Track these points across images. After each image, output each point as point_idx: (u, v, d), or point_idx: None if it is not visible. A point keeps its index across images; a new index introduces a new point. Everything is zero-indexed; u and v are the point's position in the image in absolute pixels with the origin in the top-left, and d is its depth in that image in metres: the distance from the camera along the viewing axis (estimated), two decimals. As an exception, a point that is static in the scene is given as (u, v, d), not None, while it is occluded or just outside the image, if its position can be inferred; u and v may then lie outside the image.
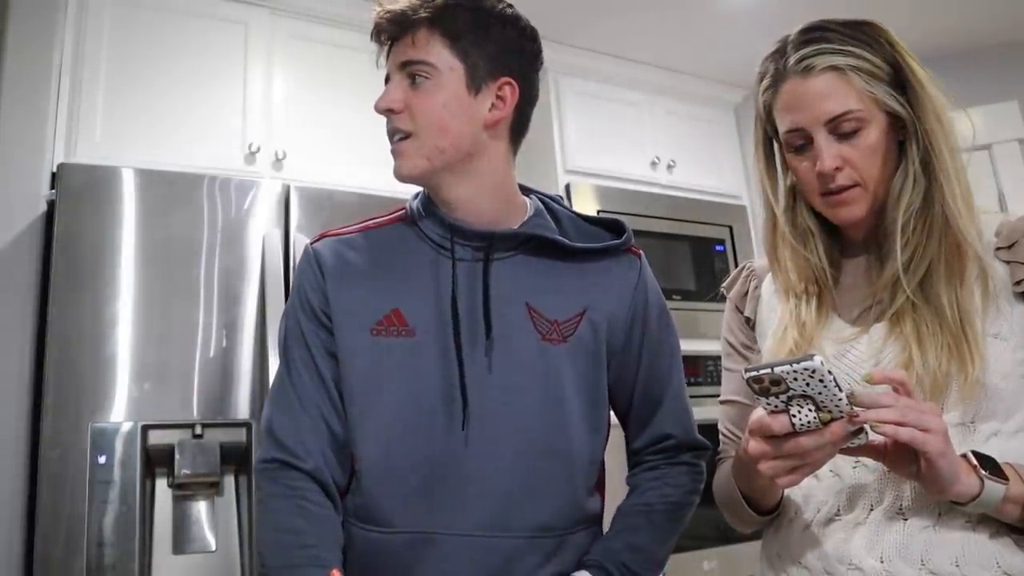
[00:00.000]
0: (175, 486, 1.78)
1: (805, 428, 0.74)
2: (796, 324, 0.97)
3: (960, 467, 0.78)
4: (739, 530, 1.05)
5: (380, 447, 0.98)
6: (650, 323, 1.08)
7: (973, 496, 0.79)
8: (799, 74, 0.93)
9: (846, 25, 0.95)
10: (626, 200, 2.89)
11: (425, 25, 0.99)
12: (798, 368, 0.69)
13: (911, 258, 0.90)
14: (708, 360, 2.73)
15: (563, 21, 2.78)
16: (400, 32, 1.01)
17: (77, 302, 1.76)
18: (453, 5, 0.99)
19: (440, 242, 1.02)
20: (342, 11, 2.51)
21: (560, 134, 2.87)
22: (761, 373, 0.71)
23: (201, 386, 1.83)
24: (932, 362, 0.86)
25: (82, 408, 1.71)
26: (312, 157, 2.32)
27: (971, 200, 0.91)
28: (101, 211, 1.83)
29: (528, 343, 1.00)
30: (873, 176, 0.93)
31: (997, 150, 2.99)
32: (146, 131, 2.11)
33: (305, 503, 0.96)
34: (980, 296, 0.88)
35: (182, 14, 2.26)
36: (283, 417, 1.00)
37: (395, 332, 0.99)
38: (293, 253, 2.00)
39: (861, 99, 0.91)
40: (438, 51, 0.99)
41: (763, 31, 1.01)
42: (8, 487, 1.69)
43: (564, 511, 1.00)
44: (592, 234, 1.10)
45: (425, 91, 0.99)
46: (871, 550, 0.87)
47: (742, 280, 1.12)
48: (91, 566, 1.62)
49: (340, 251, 1.04)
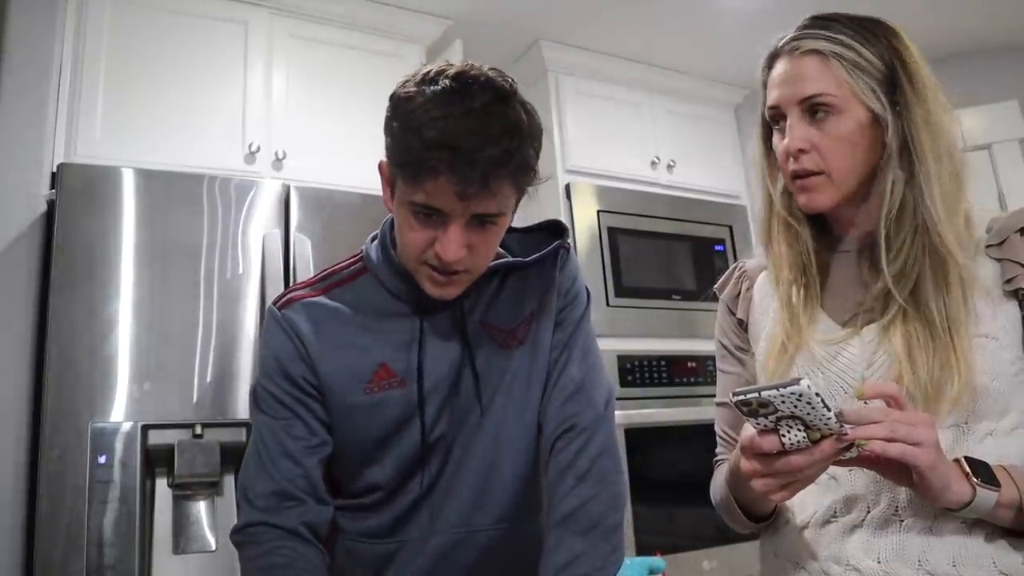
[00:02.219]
0: (175, 486, 1.78)
1: (795, 447, 0.74)
2: (787, 322, 0.97)
3: (952, 475, 0.78)
4: (737, 531, 1.05)
5: (387, 482, 1.05)
6: (567, 307, 1.13)
7: (965, 503, 0.79)
8: (787, 54, 0.95)
9: (852, 18, 0.95)
10: (626, 200, 2.89)
11: (510, 182, 0.93)
12: (784, 392, 0.69)
13: (902, 270, 0.90)
14: (708, 360, 2.73)
15: (563, 21, 2.78)
16: (483, 187, 0.90)
17: (77, 302, 1.76)
18: (529, 150, 0.93)
19: (405, 299, 1.04)
20: (342, 11, 2.51)
21: (560, 134, 2.87)
22: (749, 397, 0.71)
23: (201, 386, 1.83)
24: (922, 370, 0.86)
25: (82, 408, 1.71)
26: (312, 157, 2.32)
27: (957, 206, 0.90)
28: (101, 211, 1.83)
29: (491, 355, 1.06)
30: (839, 167, 0.92)
31: (997, 150, 2.99)
32: (146, 131, 2.12)
33: (285, 550, 0.97)
34: (964, 299, 0.88)
35: (182, 14, 2.26)
36: (259, 480, 1.01)
37: (387, 385, 1.02)
38: (293, 253, 2.00)
39: (839, 87, 0.91)
40: (507, 196, 0.94)
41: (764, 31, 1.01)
42: (8, 487, 1.69)
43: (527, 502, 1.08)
44: (535, 243, 1.13)
45: (489, 235, 0.97)
46: (868, 551, 0.87)
47: (734, 281, 1.11)
48: (91, 566, 1.62)
49: (314, 318, 1.04)
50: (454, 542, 1.04)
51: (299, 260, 1.98)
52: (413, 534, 1.05)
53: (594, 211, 2.81)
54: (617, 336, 2.64)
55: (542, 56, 2.90)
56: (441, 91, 0.90)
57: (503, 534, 1.06)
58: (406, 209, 0.94)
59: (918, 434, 0.75)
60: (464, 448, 1.05)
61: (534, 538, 1.07)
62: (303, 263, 1.97)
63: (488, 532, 1.05)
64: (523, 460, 1.08)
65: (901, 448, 0.75)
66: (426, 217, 0.93)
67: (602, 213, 2.82)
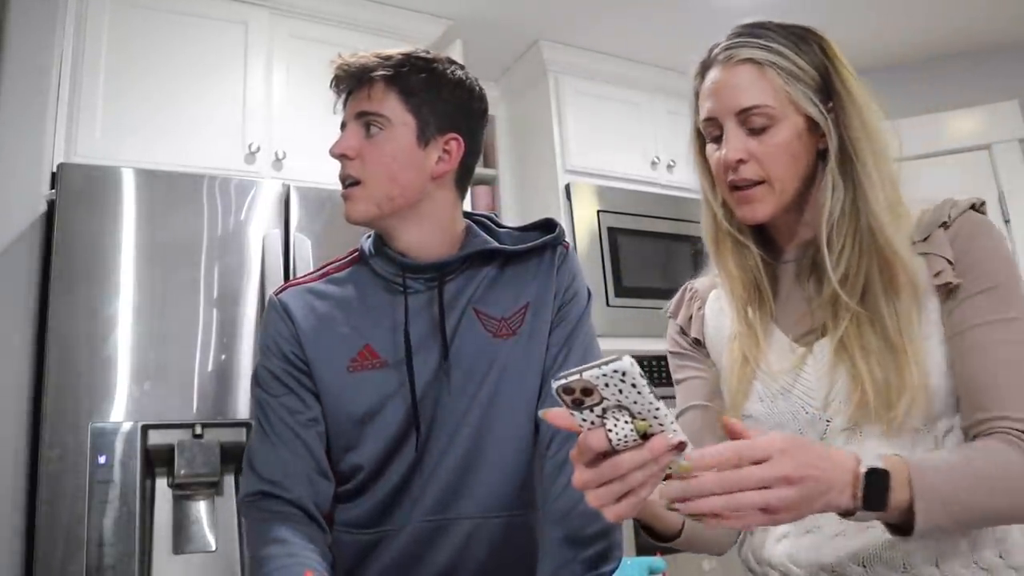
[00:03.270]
0: (175, 486, 1.78)
1: (623, 444, 0.67)
2: (745, 338, 0.97)
3: (831, 497, 0.71)
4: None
5: (369, 463, 1.07)
6: (566, 305, 1.14)
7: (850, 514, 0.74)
8: (720, 63, 0.94)
9: (783, 26, 0.95)
10: (626, 200, 2.89)
11: (382, 80, 1.06)
12: (607, 371, 0.63)
13: (846, 274, 0.90)
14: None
15: (563, 21, 2.78)
16: (358, 84, 1.07)
17: (77, 302, 1.76)
18: (410, 64, 1.07)
19: (392, 279, 1.10)
20: (342, 11, 2.51)
21: (560, 134, 2.87)
22: (571, 381, 0.64)
23: (201, 386, 1.83)
24: (880, 380, 0.85)
25: (82, 408, 1.71)
26: (312, 157, 2.31)
27: (899, 208, 0.90)
28: (101, 211, 1.83)
29: (479, 342, 1.08)
30: (779, 175, 0.92)
31: (997, 150, 2.99)
32: (146, 131, 2.12)
33: (291, 523, 1.02)
34: (915, 301, 0.88)
35: (182, 14, 2.26)
36: (263, 452, 1.07)
37: (370, 365, 1.07)
38: (293, 253, 2.00)
39: (776, 96, 0.91)
40: (393, 105, 1.06)
41: (763, 31, 1.01)
42: (8, 487, 1.69)
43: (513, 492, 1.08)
44: (529, 239, 1.16)
45: (378, 141, 1.06)
46: (853, 557, 0.87)
47: (686, 304, 1.12)
48: (91, 566, 1.62)
49: (307, 300, 1.11)
50: (433, 529, 1.05)
51: (299, 260, 1.98)
52: (395, 523, 1.06)
53: (594, 211, 2.81)
54: (617, 336, 2.64)
55: (542, 56, 2.90)
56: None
57: (487, 525, 1.06)
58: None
59: (765, 498, 0.67)
60: (448, 436, 1.06)
61: (522, 532, 1.07)
62: (303, 263, 1.97)
63: (471, 522, 1.06)
64: (513, 453, 1.08)
65: (744, 518, 0.67)
66: (341, 130, 1.10)
67: (602, 213, 2.82)
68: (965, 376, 0.85)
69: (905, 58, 3.07)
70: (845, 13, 2.76)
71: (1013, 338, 0.84)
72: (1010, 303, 0.86)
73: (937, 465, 0.76)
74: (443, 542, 1.05)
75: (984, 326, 0.85)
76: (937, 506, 0.73)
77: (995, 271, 0.87)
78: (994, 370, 0.83)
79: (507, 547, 1.07)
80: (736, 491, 0.66)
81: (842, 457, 0.73)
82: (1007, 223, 2.93)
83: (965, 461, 0.78)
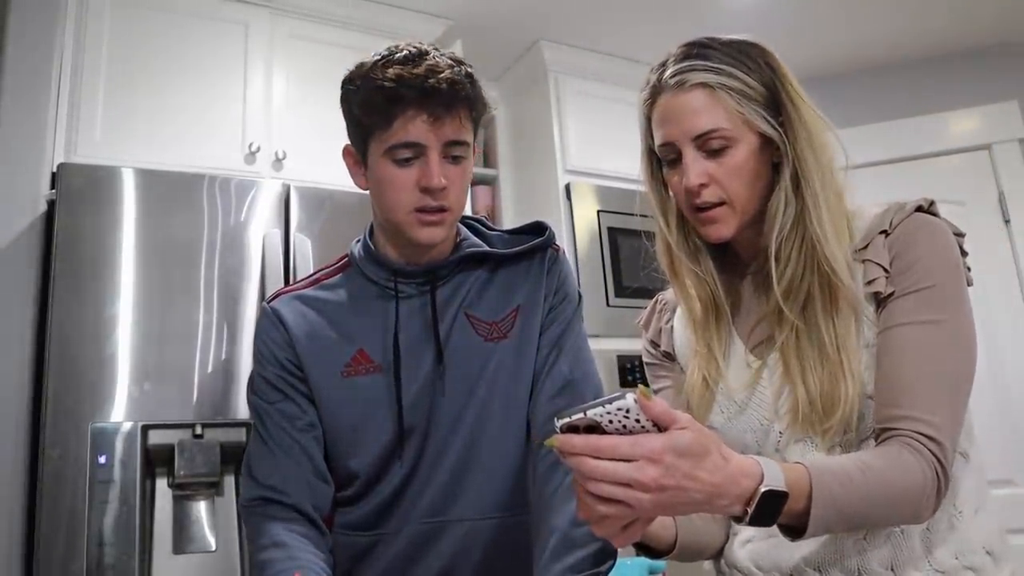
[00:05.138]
0: (175, 486, 1.78)
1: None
2: (704, 357, 0.98)
3: (722, 505, 0.71)
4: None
5: (365, 471, 1.07)
6: (556, 307, 1.14)
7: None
8: (672, 88, 0.94)
9: (728, 44, 0.95)
10: (626, 200, 2.89)
11: (466, 104, 1.02)
12: (611, 409, 0.63)
13: (789, 287, 0.91)
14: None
15: (563, 21, 2.78)
16: (447, 112, 0.99)
17: (77, 302, 1.76)
18: (478, 86, 1.04)
19: (384, 284, 1.10)
20: (342, 11, 2.51)
21: (560, 134, 2.87)
22: (575, 420, 0.65)
23: (201, 386, 1.83)
24: (813, 390, 0.87)
25: (82, 408, 1.71)
26: (312, 157, 2.31)
27: (841, 224, 0.91)
28: (101, 211, 1.83)
29: (471, 345, 1.08)
30: (740, 195, 0.93)
31: (997, 150, 2.98)
32: (146, 131, 2.11)
33: (292, 526, 1.03)
34: (855, 318, 0.89)
35: (182, 14, 2.26)
36: (261, 459, 1.07)
37: (363, 370, 1.07)
38: (293, 253, 2.00)
39: (730, 118, 0.91)
40: (469, 128, 1.04)
41: (763, 32, 1.01)
42: (8, 487, 1.69)
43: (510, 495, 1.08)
44: (520, 242, 1.15)
45: (466, 169, 1.05)
46: (808, 561, 0.89)
47: (657, 315, 1.13)
48: (91, 566, 1.62)
49: (299, 308, 1.11)
50: (430, 531, 1.05)
51: (299, 260, 1.98)
52: (392, 526, 1.06)
53: (594, 211, 2.81)
54: (617, 336, 2.63)
55: (542, 56, 2.90)
56: (389, 54, 1.01)
57: (483, 527, 1.06)
58: (386, 161, 1.01)
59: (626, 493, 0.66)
60: (443, 439, 1.07)
61: (517, 533, 1.07)
62: (303, 263, 1.98)
63: (467, 523, 1.06)
64: (508, 455, 1.08)
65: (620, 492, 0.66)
66: (405, 162, 1.01)
67: (602, 213, 2.82)
68: (882, 372, 0.86)
69: (905, 58, 3.08)
70: (845, 13, 2.76)
71: (936, 340, 0.85)
72: (942, 306, 0.86)
73: (836, 472, 0.77)
74: (440, 544, 1.05)
75: (909, 326, 0.86)
76: (832, 513, 0.75)
77: (930, 272, 0.87)
78: (910, 370, 0.84)
79: (503, 548, 1.07)
80: (599, 479, 0.65)
81: (745, 469, 0.71)
82: (1007, 223, 2.92)
83: (862, 470, 0.78)
